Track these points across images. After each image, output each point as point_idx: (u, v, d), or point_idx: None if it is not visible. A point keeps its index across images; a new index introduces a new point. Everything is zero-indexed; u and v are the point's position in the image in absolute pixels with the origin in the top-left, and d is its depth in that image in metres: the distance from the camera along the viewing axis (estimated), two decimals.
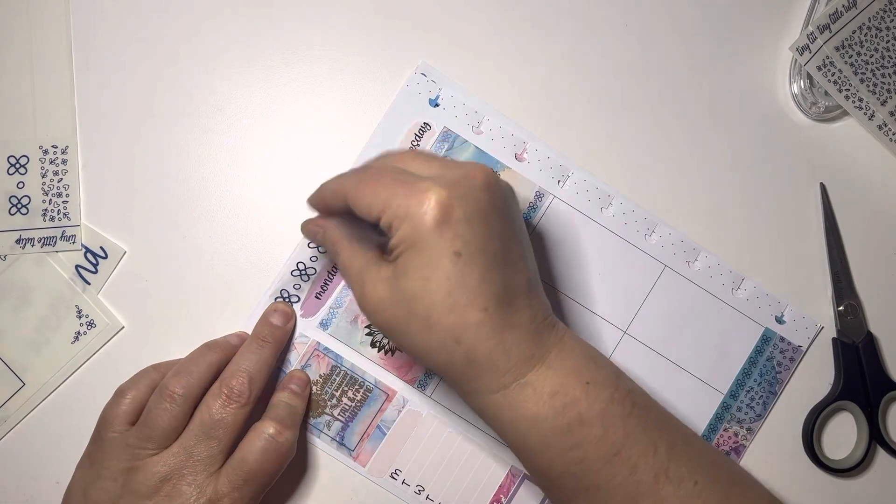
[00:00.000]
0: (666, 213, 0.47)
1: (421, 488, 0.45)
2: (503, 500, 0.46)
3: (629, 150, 0.47)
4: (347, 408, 0.45)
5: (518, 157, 0.46)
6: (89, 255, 0.45)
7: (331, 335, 0.45)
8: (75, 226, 0.45)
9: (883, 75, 0.47)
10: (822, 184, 0.48)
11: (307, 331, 0.45)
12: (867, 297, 0.48)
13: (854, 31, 0.46)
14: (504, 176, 0.46)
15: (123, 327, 0.45)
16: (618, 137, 0.47)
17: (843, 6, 0.46)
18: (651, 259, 0.47)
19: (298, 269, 0.45)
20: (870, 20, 0.47)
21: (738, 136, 0.48)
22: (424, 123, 0.46)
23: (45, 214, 0.45)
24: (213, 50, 0.46)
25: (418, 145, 0.46)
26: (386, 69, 0.47)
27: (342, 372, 0.45)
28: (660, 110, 0.48)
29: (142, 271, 0.45)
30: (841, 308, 0.47)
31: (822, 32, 0.46)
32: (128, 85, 0.46)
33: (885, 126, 0.47)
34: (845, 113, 0.48)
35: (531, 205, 0.46)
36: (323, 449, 0.45)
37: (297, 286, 0.45)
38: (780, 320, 0.47)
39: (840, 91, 0.47)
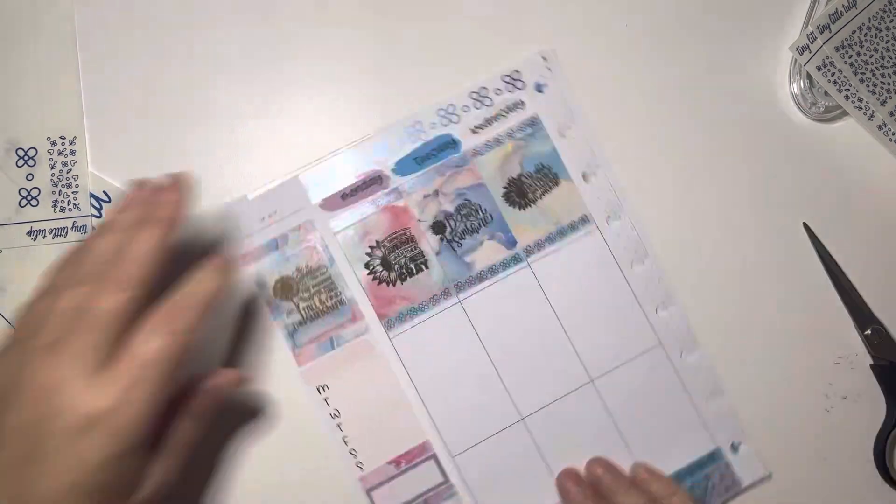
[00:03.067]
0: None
1: (337, 413, 0.45)
2: (403, 464, 0.46)
3: (632, 150, 0.48)
4: (314, 308, 0.46)
5: (585, 177, 0.47)
6: None
7: (335, 236, 0.46)
8: (86, 216, 0.46)
9: (883, 75, 0.47)
10: (805, 223, 0.48)
11: (317, 222, 0.46)
12: (887, 314, 0.47)
13: (854, 31, 0.46)
14: (562, 189, 0.47)
15: None
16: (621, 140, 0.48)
17: (843, 6, 0.46)
18: (651, 332, 0.47)
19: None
20: (870, 20, 0.47)
21: (737, 136, 0.48)
22: (521, 101, 0.47)
23: (55, 206, 0.46)
24: (220, 39, 0.47)
25: (498, 95, 0.47)
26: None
27: (327, 274, 0.46)
28: (660, 110, 0.48)
29: None
30: (867, 333, 0.47)
31: (822, 32, 0.46)
32: (134, 74, 0.47)
33: (885, 126, 0.47)
34: (845, 113, 0.48)
35: (572, 224, 0.47)
36: (273, 331, 0.46)
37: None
38: (734, 448, 0.46)
39: (840, 91, 0.47)
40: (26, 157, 0.46)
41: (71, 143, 0.46)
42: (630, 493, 0.43)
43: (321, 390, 0.46)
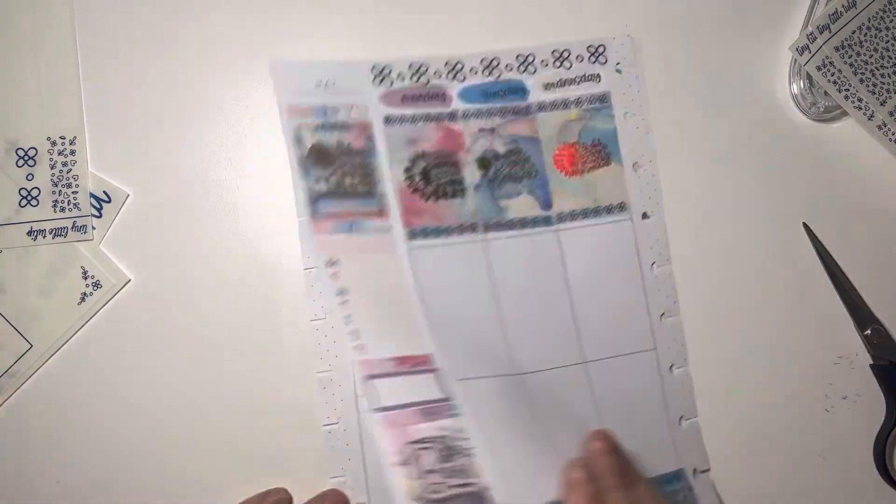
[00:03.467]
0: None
1: (344, 291, 0.44)
2: (405, 366, 0.43)
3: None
4: (343, 186, 0.45)
5: (635, 167, 0.47)
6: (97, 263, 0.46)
7: (385, 129, 0.46)
8: (86, 216, 0.46)
9: (882, 75, 0.47)
10: (805, 223, 0.48)
11: (371, 110, 0.46)
12: (887, 314, 0.47)
13: (854, 32, 0.46)
14: (611, 170, 0.47)
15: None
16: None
17: (843, 6, 0.46)
18: (650, 336, 0.46)
19: None
20: (869, 20, 0.47)
21: (737, 136, 0.48)
22: (598, 75, 0.47)
23: (55, 206, 0.46)
24: (218, 39, 0.47)
25: (580, 62, 0.47)
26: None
27: (366, 161, 0.45)
28: (659, 111, 0.48)
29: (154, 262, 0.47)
30: (867, 333, 0.47)
31: (821, 32, 0.46)
32: (134, 74, 0.47)
33: (885, 126, 0.47)
34: (845, 113, 0.48)
35: (609, 207, 0.47)
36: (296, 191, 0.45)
37: None
38: (698, 473, 0.46)
39: (840, 91, 0.47)
40: (26, 157, 0.46)
41: (71, 143, 0.46)
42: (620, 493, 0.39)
43: (331, 264, 0.45)
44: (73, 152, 0.46)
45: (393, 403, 0.43)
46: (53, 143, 0.46)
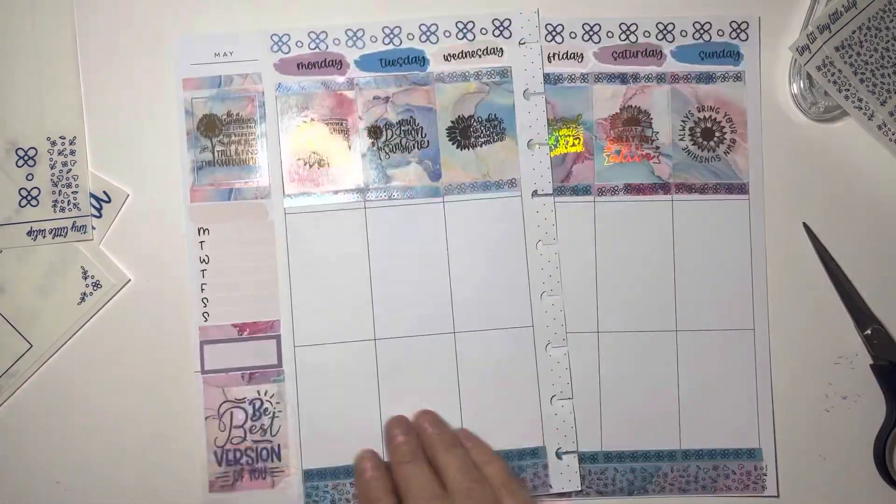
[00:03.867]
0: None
1: (206, 259, 0.46)
2: (246, 332, 0.46)
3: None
4: (227, 155, 0.46)
5: (530, 145, 0.47)
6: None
7: (276, 98, 0.47)
8: (86, 216, 0.46)
9: (882, 75, 0.47)
10: (805, 223, 0.48)
11: (266, 77, 0.46)
12: (887, 314, 0.47)
13: (854, 32, 0.46)
14: (504, 146, 0.47)
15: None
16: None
17: (843, 6, 0.46)
18: (529, 314, 0.46)
19: None
20: (869, 20, 0.47)
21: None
22: (501, 49, 0.47)
23: (55, 206, 0.46)
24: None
25: (483, 34, 0.47)
26: None
27: (253, 129, 0.46)
28: None
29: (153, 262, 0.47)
30: (867, 333, 0.47)
31: (821, 32, 0.46)
32: (133, 73, 0.47)
33: (885, 126, 0.47)
34: (845, 113, 0.48)
35: (499, 182, 0.47)
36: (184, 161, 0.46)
37: None
38: (559, 455, 0.46)
39: (840, 91, 0.47)
40: (26, 157, 0.46)
41: (71, 143, 0.46)
42: (451, 451, 0.43)
43: (202, 232, 0.46)
44: (72, 152, 0.46)
45: (219, 367, 0.46)
46: (53, 143, 0.46)
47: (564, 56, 0.47)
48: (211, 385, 0.46)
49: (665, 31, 0.47)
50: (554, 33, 0.47)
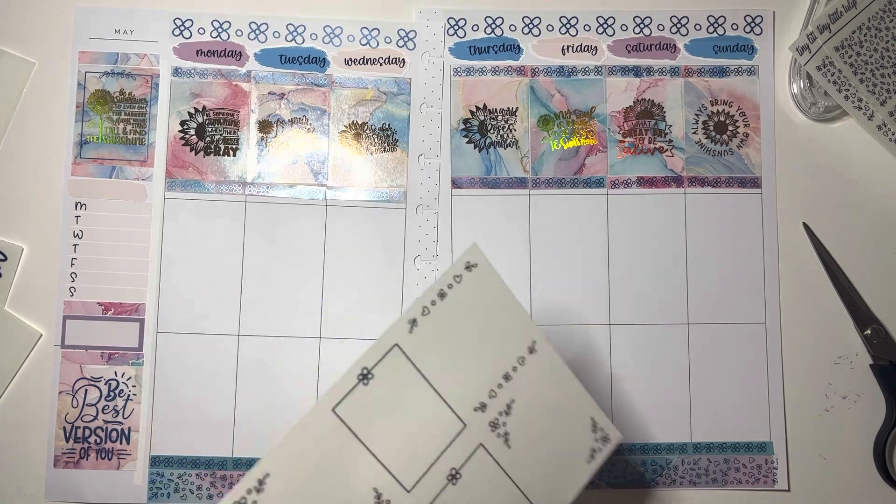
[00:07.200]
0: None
1: (79, 234, 0.46)
2: (110, 312, 0.46)
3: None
4: (114, 133, 0.46)
5: (419, 159, 0.47)
6: None
7: (171, 81, 0.47)
8: None
9: (882, 75, 0.47)
10: (805, 223, 0.48)
11: (163, 60, 0.47)
12: (887, 314, 0.47)
13: (854, 31, 0.46)
14: (394, 156, 0.47)
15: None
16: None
17: (843, 6, 0.46)
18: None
19: None
20: (869, 20, 0.47)
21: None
22: (404, 60, 0.47)
23: None
24: None
25: (387, 43, 0.47)
26: None
27: (144, 110, 0.46)
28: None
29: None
30: (867, 333, 0.47)
31: (822, 32, 0.46)
32: (31, 41, 0.47)
33: (885, 126, 0.47)
34: (845, 113, 0.48)
35: (385, 192, 0.47)
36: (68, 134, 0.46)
37: None
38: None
39: (840, 91, 0.47)
40: None
41: None
42: None
43: (79, 206, 0.46)
44: None
45: (79, 343, 0.46)
46: None
47: (578, 48, 0.48)
48: (69, 360, 0.46)
49: (679, 25, 0.48)
50: (568, 25, 0.48)
